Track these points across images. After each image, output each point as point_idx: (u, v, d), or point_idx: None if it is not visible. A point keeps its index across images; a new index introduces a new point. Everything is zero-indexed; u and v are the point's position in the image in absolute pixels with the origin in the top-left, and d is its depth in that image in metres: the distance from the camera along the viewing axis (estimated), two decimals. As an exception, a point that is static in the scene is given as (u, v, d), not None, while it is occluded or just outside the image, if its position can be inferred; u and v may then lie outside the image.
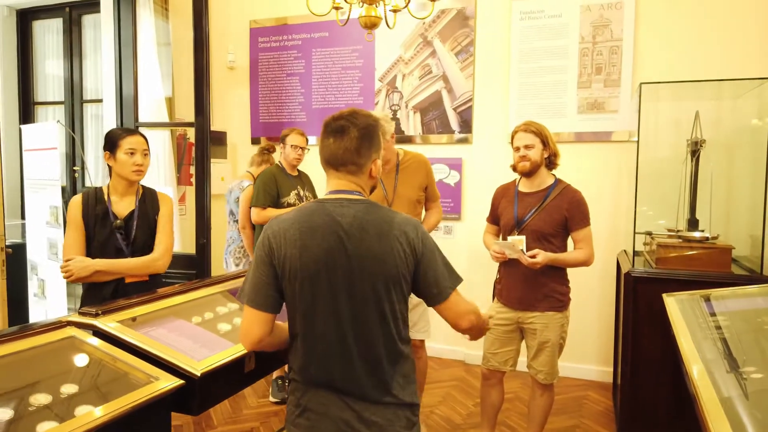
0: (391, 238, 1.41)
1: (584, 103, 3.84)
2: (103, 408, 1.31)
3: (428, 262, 1.44)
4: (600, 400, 3.54)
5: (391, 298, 1.42)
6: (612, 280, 3.72)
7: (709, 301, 2.43)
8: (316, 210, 1.44)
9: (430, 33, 4.21)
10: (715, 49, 3.52)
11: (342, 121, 1.45)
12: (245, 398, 3.46)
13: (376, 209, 1.45)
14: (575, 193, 2.59)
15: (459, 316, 1.48)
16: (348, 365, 1.41)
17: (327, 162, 1.49)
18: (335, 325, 1.41)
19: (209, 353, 1.66)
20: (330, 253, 1.39)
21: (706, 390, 1.53)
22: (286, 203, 3.37)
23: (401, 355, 1.47)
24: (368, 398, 1.42)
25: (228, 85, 4.84)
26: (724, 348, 1.96)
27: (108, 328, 1.66)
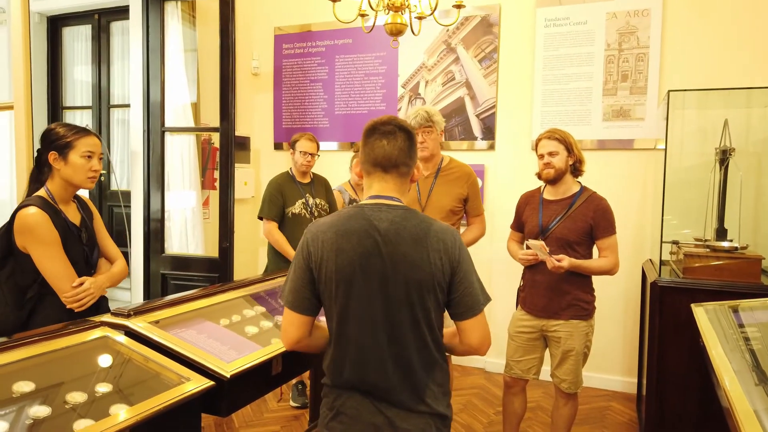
0: (428, 244, 1.41)
1: (609, 111, 3.82)
2: (136, 407, 1.33)
3: (464, 274, 1.44)
4: (624, 411, 3.49)
5: (426, 305, 1.41)
6: (637, 290, 3.67)
7: (737, 312, 2.38)
8: (354, 214, 1.46)
9: (454, 40, 4.22)
10: (744, 56, 3.47)
11: (389, 126, 1.48)
12: (266, 402, 3.47)
13: (413, 216, 1.46)
14: (601, 200, 2.57)
15: (483, 338, 1.47)
16: (381, 370, 1.41)
17: (377, 164, 1.48)
18: (370, 329, 1.41)
19: (238, 355, 1.67)
20: (365, 256, 1.40)
21: (740, 401, 1.51)
22: (291, 213, 3.37)
23: (436, 363, 1.46)
24: (401, 405, 1.42)
25: (252, 91, 4.89)
26: (752, 360, 1.92)
27: (139, 328, 1.69)
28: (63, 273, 1.93)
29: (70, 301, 1.93)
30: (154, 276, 4.08)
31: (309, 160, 3.43)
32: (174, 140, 4.22)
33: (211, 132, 4.30)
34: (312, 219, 3.42)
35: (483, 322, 1.47)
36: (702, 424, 2.75)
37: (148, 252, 4.08)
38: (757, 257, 2.79)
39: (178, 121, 4.21)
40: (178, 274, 4.04)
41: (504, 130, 4.14)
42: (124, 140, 5.08)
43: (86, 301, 1.96)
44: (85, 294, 1.95)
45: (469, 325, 1.46)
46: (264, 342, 1.82)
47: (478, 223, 2.98)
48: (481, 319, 1.46)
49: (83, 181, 2.02)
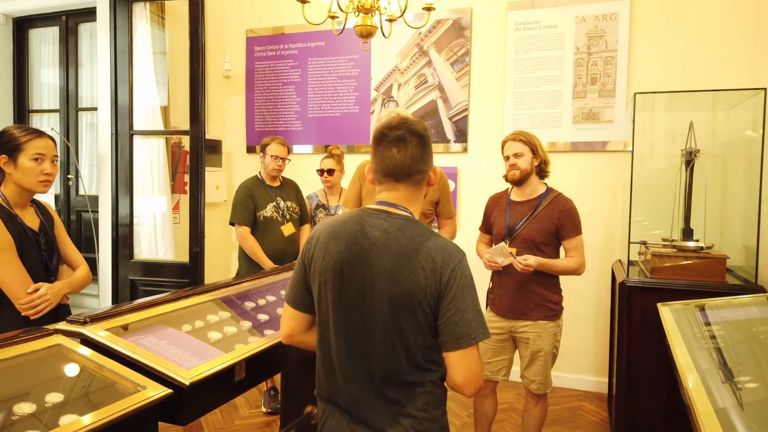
0: (414, 260, 1.30)
1: (579, 113, 3.86)
2: (88, 417, 1.29)
3: (455, 299, 1.29)
4: (595, 411, 3.52)
5: (401, 325, 1.31)
6: (607, 290, 3.71)
7: (703, 311, 2.42)
8: (352, 218, 1.41)
9: (426, 43, 4.23)
10: (709, 60, 3.54)
11: (400, 131, 1.38)
12: (237, 408, 3.42)
13: (412, 228, 1.35)
14: (567, 201, 2.59)
15: (470, 377, 1.30)
16: (354, 385, 1.37)
17: (389, 174, 1.39)
18: (345, 341, 1.37)
19: (199, 362, 1.64)
20: (348, 262, 1.35)
21: (701, 401, 1.52)
22: (262, 217, 3.34)
23: (416, 388, 1.34)
24: (375, 426, 1.34)
25: (224, 94, 4.84)
26: (719, 358, 1.95)
27: (96, 336, 1.64)
28: (16, 279, 1.86)
29: (25, 308, 1.87)
30: (122, 282, 4.00)
31: (280, 165, 3.40)
32: (143, 144, 4.15)
33: (182, 135, 4.24)
34: (284, 222, 3.39)
35: (471, 359, 1.29)
36: (671, 421, 2.78)
37: (117, 258, 4.00)
38: (722, 257, 2.83)
39: (147, 124, 4.14)
40: (147, 279, 3.97)
41: (476, 133, 4.15)
42: (92, 144, 4.98)
43: (42, 308, 1.90)
44: (40, 301, 1.89)
45: (452, 359, 1.30)
46: (227, 348, 1.78)
47: (449, 225, 2.98)
48: (467, 355, 1.29)
49: (34, 185, 1.95)
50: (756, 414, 1.50)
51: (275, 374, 3.37)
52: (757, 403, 1.59)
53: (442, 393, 1.40)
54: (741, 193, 3.17)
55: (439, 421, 1.39)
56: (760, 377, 1.76)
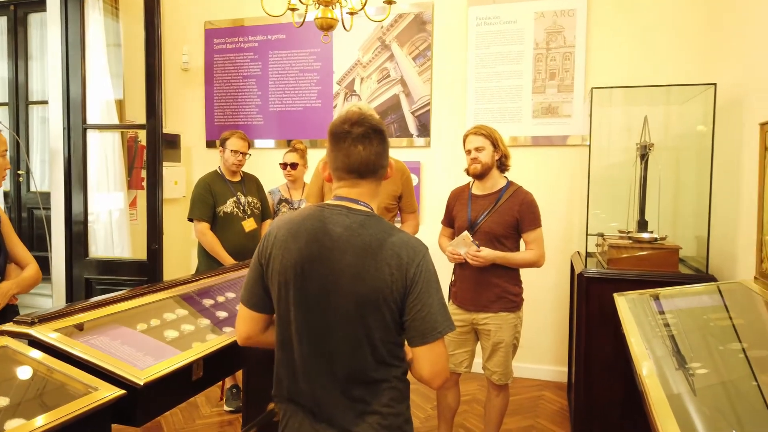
0: (379, 257, 1.29)
1: (539, 108, 3.91)
2: (36, 421, 1.24)
3: (421, 294, 1.29)
4: (555, 400, 3.59)
5: (367, 322, 1.29)
6: (566, 282, 3.78)
7: (658, 300, 2.49)
8: (312, 214, 1.37)
9: (388, 37, 4.22)
10: (663, 56, 3.64)
11: (363, 127, 1.36)
12: (198, 408, 3.37)
13: (374, 224, 1.34)
14: (526, 195, 2.62)
15: (437, 371, 1.32)
16: (318, 385, 1.34)
17: (354, 171, 1.37)
18: (307, 340, 1.34)
19: (154, 361, 1.60)
20: (309, 261, 1.32)
21: (654, 388, 1.56)
22: (222, 212, 3.28)
23: (381, 384, 1.34)
24: (340, 426, 1.33)
25: (182, 87, 4.73)
26: (672, 345, 2.00)
27: (44, 337, 1.58)
28: None
29: None
30: (77, 281, 3.87)
31: (240, 159, 3.34)
32: (97, 138, 4.02)
33: (137, 129, 4.13)
34: (245, 217, 3.34)
35: (437, 353, 1.31)
36: (628, 408, 2.85)
37: (71, 256, 3.87)
38: (675, 247, 2.92)
39: (101, 118, 4.01)
40: (103, 278, 3.86)
41: (439, 128, 4.17)
42: (44, 139, 4.80)
43: None
44: None
45: (419, 353, 1.32)
46: (184, 346, 1.74)
47: (412, 220, 2.98)
48: (434, 349, 1.30)
49: None
50: (707, 399, 1.55)
51: (236, 372, 3.32)
52: (709, 389, 1.64)
53: (405, 387, 1.40)
54: (693, 186, 3.27)
55: (404, 415, 1.39)
56: (711, 364, 1.81)
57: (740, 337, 1.95)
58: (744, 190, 2.64)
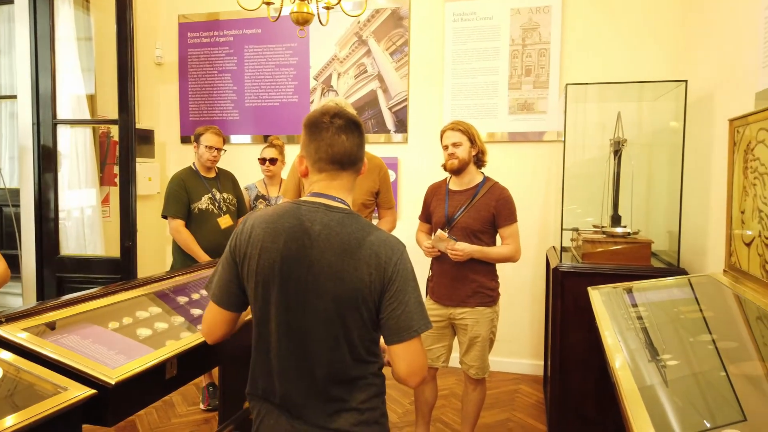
0: (358, 257, 1.28)
1: (515, 104, 3.94)
2: (3, 422, 1.21)
3: (397, 293, 1.28)
4: (532, 393, 3.63)
5: (346, 322, 1.29)
6: (542, 276, 3.82)
7: (631, 293, 2.52)
8: (288, 211, 1.34)
9: (365, 32, 4.20)
10: (636, 52, 3.69)
11: (342, 119, 1.35)
12: (174, 406, 3.33)
13: (352, 222, 1.33)
14: (503, 190, 2.64)
15: (413, 369, 1.30)
16: (294, 383, 1.33)
17: (336, 161, 1.35)
18: (286, 339, 1.32)
19: (126, 360, 1.57)
20: (288, 260, 1.30)
21: (625, 379, 1.58)
22: (197, 209, 3.24)
23: (357, 382, 1.34)
24: (315, 423, 1.32)
25: (156, 82, 4.65)
26: (645, 338, 2.04)
27: (13, 336, 1.54)
28: None
29: None
30: (48, 280, 3.79)
31: (215, 155, 3.30)
32: (68, 134, 3.93)
33: (110, 125, 4.05)
34: (220, 214, 3.31)
35: (414, 350, 1.30)
36: (602, 400, 2.90)
37: (41, 254, 3.78)
38: (648, 241, 2.97)
39: (73, 113, 3.93)
40: (76, 276, 3.78)
41: (416, 123, 4.17)
42: (13, 134, 4.68)
43: None
44: None
45: (396, 352, 1.30)
46: (157, 344, 1.72)
47: (389, 215, 2.98)
48: (411, 347, 1.29)
49: None
50: (679, 390, 1.57)
51: (211, 370, 3.29)
52: (681, 380, 1.67)
53: (381, 382, 1.40)
54: (665, 181, 3.33)
55: (380, 409, 1.40)
56: (683, 355, 1.84)
57: (710, 328, 1.99)
58: (714, 185, 2.70)
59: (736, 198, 2.19)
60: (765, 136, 1.90)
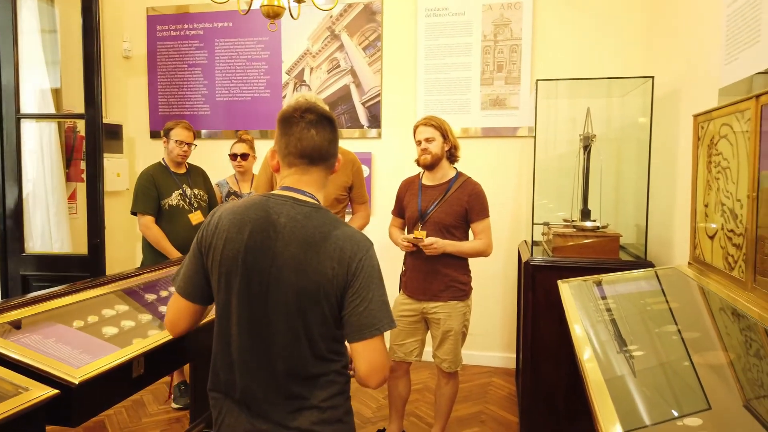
0: (322, 250, 1.26)
1: (487, 100, 3.96)
2: (-40, 425, 1.18)
3: (360, 289, 1.27)
4: (504, 386, 3.68)
5: (307, 317, 1.27)
6: (514, 270, 3.86)
7: (600, 286, 2.57)
8: (256, 203, 1.33)
9: (338, 26, 4.18)
10: (606, 48, 3.74)
11: (313, 114, 1.34)
12: (144, 406, 3.28)
13: (319, 216, 1.32)
14: (475, 185, 2.66)
15: (373, 369, 1.28)
16: (255, 378, 1.31)
17: (305, 156, 1.34)
18: (247, 333, 1.31)
19: (91, 359, 1.54)
20: (251, 252, 1.29)
21: (592, 372, 1.61)
22: (167, 205, 3.19)
23: (319, 380, 1.32)
24: (275, 420, 1.31)
25: (124, 76, 4.56)
26: (614, 329, 2.07)
27: (-29, 337, 1.50)
28: None
29: None
30: (13, 278, 3.69)
31: (185, 150, 3.25)
32: (33, 128, 3.83)
33: (76, 119, 3.96)
34: (192, 210, 3.26)
35: (374, 349, 1.27)
36: (573, 391, 2.94)
37: (5, 252, 3.68)
38: (616, 235, 3.02)
39: (37, 107, 3.83)
40: (42, 275, 3.68)
41: (389, 118, 4.17)
42: (-26, 129, 4.53)
43: None
44: None
45: (355, 350, 1.28)
46: (124, 343, 1.69)
47: (362, 211, 2.98)
48: (371, 346, 1.27)
49: None
50: (646, 380, 1.60)
51: (180, 367, 3.26)
52: (648, 370, 1.70)
53: (344, 380, 1.39)
54: (633, 175, 3.39)
55: (344, 407, 1.38)
56: (650, 346, 1.88)
57: (676, 319, 2.03)
58: (679, 179, 2.76)
59: (700, 192, 2.24)
60: (727, 132, 1.95)
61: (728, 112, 1.93)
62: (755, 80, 1.97)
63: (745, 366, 1.48)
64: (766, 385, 1.33)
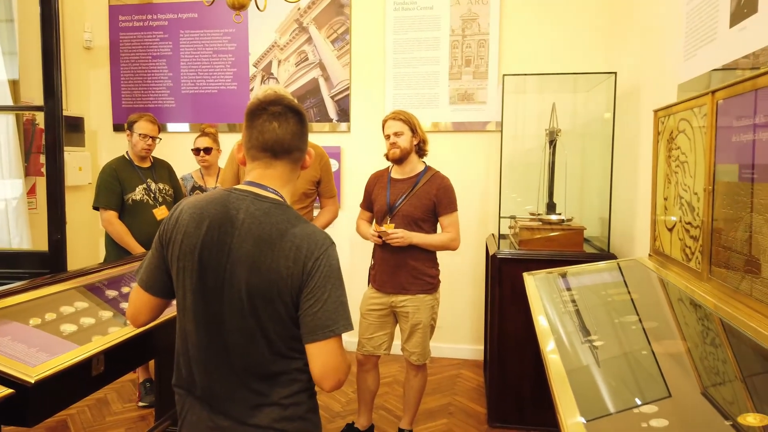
0: (277, 248, 1.23)
1: (455, 94, 3.98)
2: None
3: (315, 290, 1.23)
4: (472, 378, 3.72)
5: (259, 314, 1.25)
6: (482, 263, 3.90)
7: (565, 278, 2.61)
8: (216, 198, 1.31)
9: (306, 19, 4.14)
10: (571, 44, 3.79)
11: (279, 106, 1.31)
12: (109, 404, 3.21)
13: (279, 213, 1.28)
14: (443, 179, 2.68)
15: (326, 371, 1.24)
16: (214, 375, 1.30)
17: (268, 149, 1.31)
18: (204, 330, 1.29)
19: (48, 358, 1.50)
20: (207, 247, 1.26)
21: (554, 363, 1.64)
22: (131, 200, 3.13)
23: (279, 377, 1.30)
24: (236, 417, 1.29)
25: (85, 67, 4.44)
26: (578, 320, 2.11)
27: None
28: None
29: None
30: (-31, 276, 3.57)
31: (149, 144, 3.18)
32: (-11, 120, 3.70)
33: (35, 111, 3.84)
34: (156, 205, 3.20)
35: (329, 351, 1.24)
36: (539, 382, 2.99)
37: (-40, 249, 3.56)
38: (580, 228, 3.08)
39: (-8, 98, 3.70)
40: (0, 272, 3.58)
41: (358, 112, 4.16)
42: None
43: None
44: None
45: (309, 351, 1.25)
46: (83, 340, 1.65)
47: (331, 205, 2.96)
48: (326, 347, 1.23)
49: None
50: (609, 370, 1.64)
51: (145, 363, 3.20)
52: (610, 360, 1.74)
53: (308, 378, 1.35)
54: (597, 169, 3.46)
55: (306, 404, 1.36)
56: (613, 336, 1.92)
57: (637, 310, 2.08)
58: (641, 173, 2.82)
59: (660, 185, 2.29)
60: (686, 126, 2.00)
61: (686, 107, 1.97)
62: (713, 76, 2.03)
63: (702, 354, 1.53)
64: (722, 373, 1.37)
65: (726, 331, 1.50)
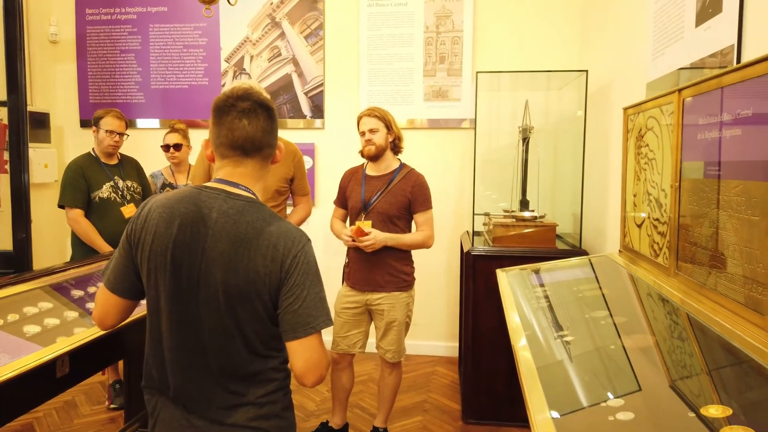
0: (254, 247, 1.22)
1: (430, 91, 3.98)
2: None
3: (294, 287, 1.22)
4: (447, 374, 3.73)
5: (237, 314, 1.23)
6: (457, 260, 3.92)
7: (538, 274, 2.63)
8: (187, 196, 1.27)
9: (279, 14, 4.09)
10: (544, 42, 3.82)
11: (248, 102, 1.28)
12: (77, 406, 3.14)
13: (254, 211, 1.26)
14: (418, 176, 2.67)
15: (308, 367, 1.23)
16: (188, 376, 1.27)
17: (237, 147, 1.28)
18: (177, 330, 1.26)
19: (10, 359, 1.45)
20: (180, 247, 1.23)
21: (524, 359, 1.65)
22: (98, 198, 3.05)
23: (256, 377, 1.29)
24: (211, 417, 1.27)
25: (51, 61, 4.32)
26: (551, 316, 2.13)
27: None
28: None
29: None
30: (-72, 276, 3.45)
31: (116, 140, 3.11)
32: (-52, 115, 3.57)
33: (-2, 106, 3.71)
34: (124, 203, 3.13)
35: (311, 347, 1.23)
36: (512, 377, 3.02)
37: None
38: (553, 225, 3.11)
39: (-48, 93, 3.57)
40: (-39, 272, 3.47)
41: (333, 109, 4.13)
42: None
43: None
44: None
45: (291, 348, 1.24)
46: (47, 341, 1.60)
47: (304, 203, 2.94)
48: (307, 344, 1.22)
49: None
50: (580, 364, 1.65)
51: (114, 364, 3.14)
52: (582, 355, 1.76)
53: (284, 376, 1.36)
54: (569, 167, 3.50)
55: (282, 402, 1.35)
56: (586, 331, 1.94)
57: (608, 305, 2.11)
58: (612, 170, 2.86)
59: (629, 182, 2.33)
60: (654, 124, 2.03)
61: (654, 105, 2.00)
62: (681, 75, 2.06)
63: (669, 348, 1.55)
64: (688, 366, 1.40)
65: (692, 326, 1.53)
